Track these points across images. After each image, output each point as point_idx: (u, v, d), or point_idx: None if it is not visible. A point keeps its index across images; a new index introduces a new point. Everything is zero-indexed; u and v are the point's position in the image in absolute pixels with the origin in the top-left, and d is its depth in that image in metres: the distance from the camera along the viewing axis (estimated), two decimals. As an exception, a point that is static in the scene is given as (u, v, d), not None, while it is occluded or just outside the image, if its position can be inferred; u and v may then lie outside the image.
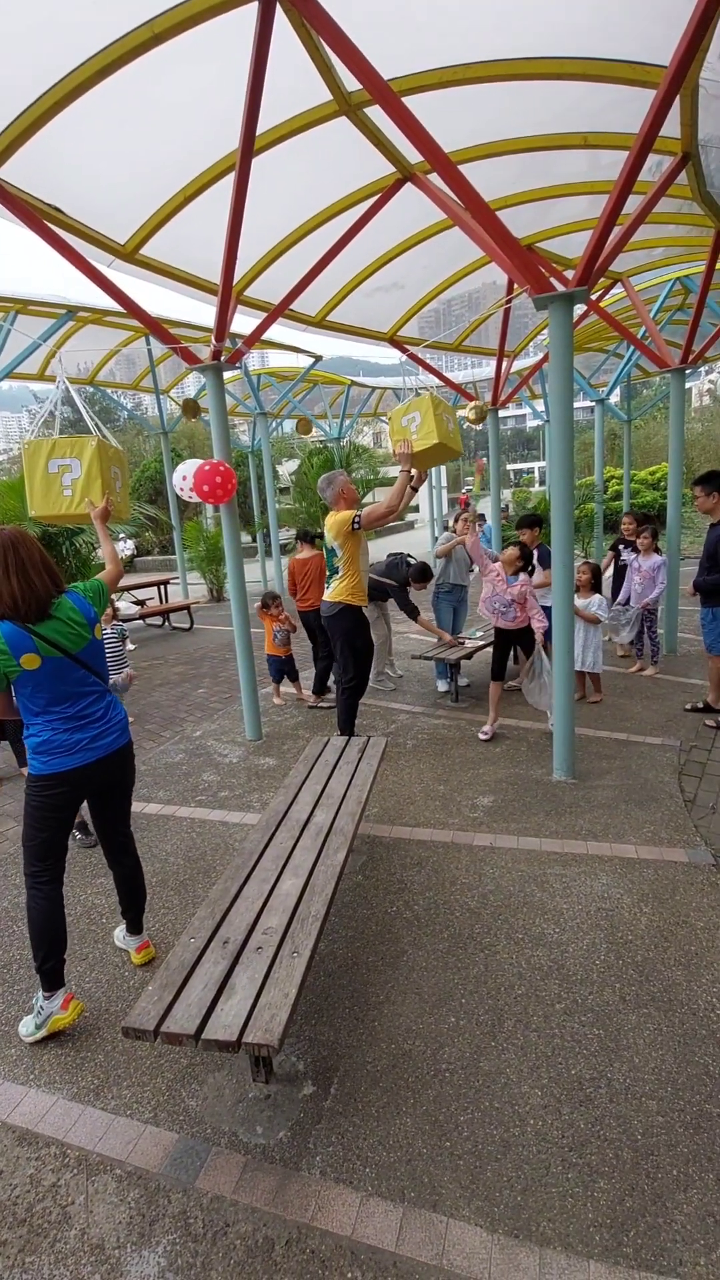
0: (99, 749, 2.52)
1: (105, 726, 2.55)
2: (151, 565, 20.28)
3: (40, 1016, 2.48)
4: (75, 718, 2.48)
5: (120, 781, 2.69)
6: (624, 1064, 2.23)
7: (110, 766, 2.58)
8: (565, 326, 3.98)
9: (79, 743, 2.47)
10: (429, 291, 7.10)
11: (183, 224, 4.67)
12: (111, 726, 2.58)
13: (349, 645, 4.73)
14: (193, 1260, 1.70)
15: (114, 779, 2.64)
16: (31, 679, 2.37)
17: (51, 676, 2.40)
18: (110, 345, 10.22)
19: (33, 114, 3.50)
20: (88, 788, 2.57)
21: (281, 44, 3.23)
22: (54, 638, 2.37)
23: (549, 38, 3.54)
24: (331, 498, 4.66)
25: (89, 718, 2.51)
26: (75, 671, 2.46)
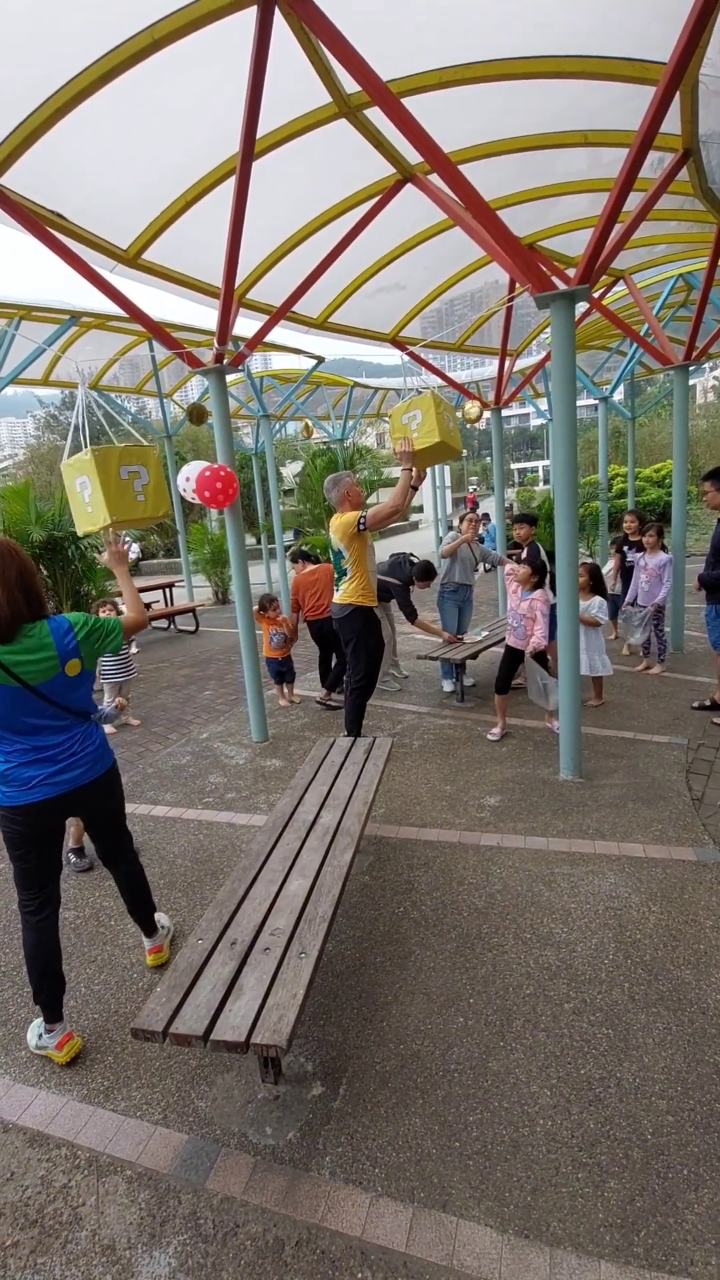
0: (62, 784, 2.32)
1: (70, 761, 2.34)
2: (157, 568, 20.35)
3: (38, 1042, 2.43)
4: (32, 751, 2.28)
5: (100, 809, 2.53)
6: (633, 1063, 2.22)
7: (81, 799, 2.40)
8: (567, 325, 3.97)
9: (35, 778, 2.28)
10: (431, 292, 7.10)
11: (184, 228, 4.69)
12: (79, 760, 2.36)
13: (360, 646, 4.76)
14: (203, 1261, 1.71)
15: (91, 808, 2.48)
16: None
17: (7, 706, 2.19)
18: (114, 350, 10.26)
19: (35, 121, 3.53)
20: (56, 818, 2.38)
21: (280, 47, 3.24)
22: (14, 666, 2.14)
23: (547, 37, 3.54)
24: (337, 498, 4.69)
25: (48, 753, 2.30)
26: (33, 703, 2.23)
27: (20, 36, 3.13)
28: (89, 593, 7.90)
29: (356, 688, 4.81)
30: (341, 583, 4.74)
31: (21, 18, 3.04)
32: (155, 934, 2.89)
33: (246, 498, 21.62)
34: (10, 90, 3.38)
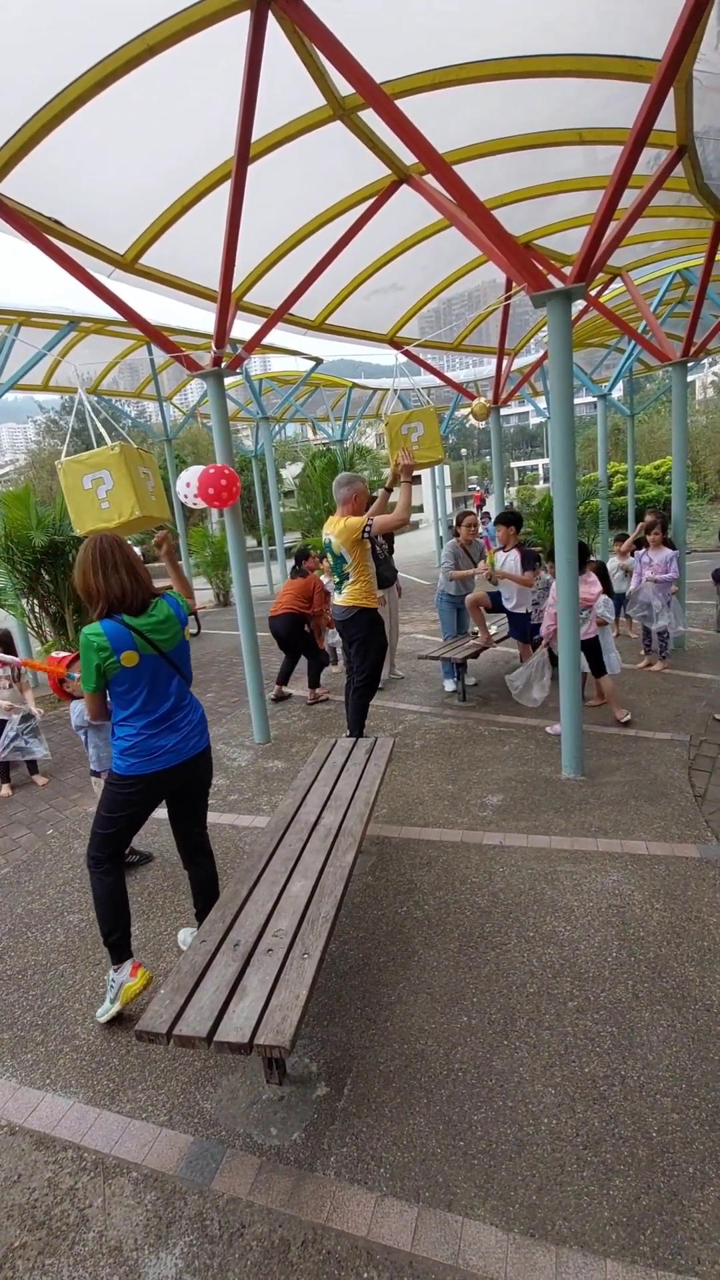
0: (181, 753, 2.58)
1: (188, 731, 2.62)
2: (159, 571, 20.39)
3: (112, 990, 2.57)
4: (161, 721, 2.54)
5: (197, 782, 2.74)
6: (638, 1061, 2.22)
7: (189, 770, 2.65)
8: (564, 323, 3.98)
9: (162, 747, 2.53)
10: (428, 292, 7.11)
11: (181, 232, 4.70)
12: (195, 729, 2.66)
13: (365, 646, 4.73)
14: (210, 1262, 1.71)
15: (191, 780, 2.70)
16: (129, 677, 2.44)
17: (147, 676, 2.48)
18: (113, 354, 10.28)
19: (31, 129, 3.54)
20: (165, 789, 2.64)
21: (274, 51, 3.25)
22: (152, 635, 2.47)
23: (542, 36, 3.55)
24: (345, 497, 4.65)
25: (174, 722, 2.58)
26: (167, 671, 2.55)
27: (16, 45, 3.14)
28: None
29: (360, 687, 4.81)
30: (344, 585, 4.69)
31: (16, 26, 3.05)
32: None
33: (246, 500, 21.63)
34: (6, 99, 3.40)
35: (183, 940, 3.01)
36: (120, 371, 11.96)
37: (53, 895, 3.54)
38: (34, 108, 3.46)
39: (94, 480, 3.94)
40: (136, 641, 2.43)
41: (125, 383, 13.56)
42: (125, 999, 2.54)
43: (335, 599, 4.78)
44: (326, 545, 4.72)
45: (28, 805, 4.71)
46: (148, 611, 2.49)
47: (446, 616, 6.74)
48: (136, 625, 2.44)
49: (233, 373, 5.26)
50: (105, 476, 3.90)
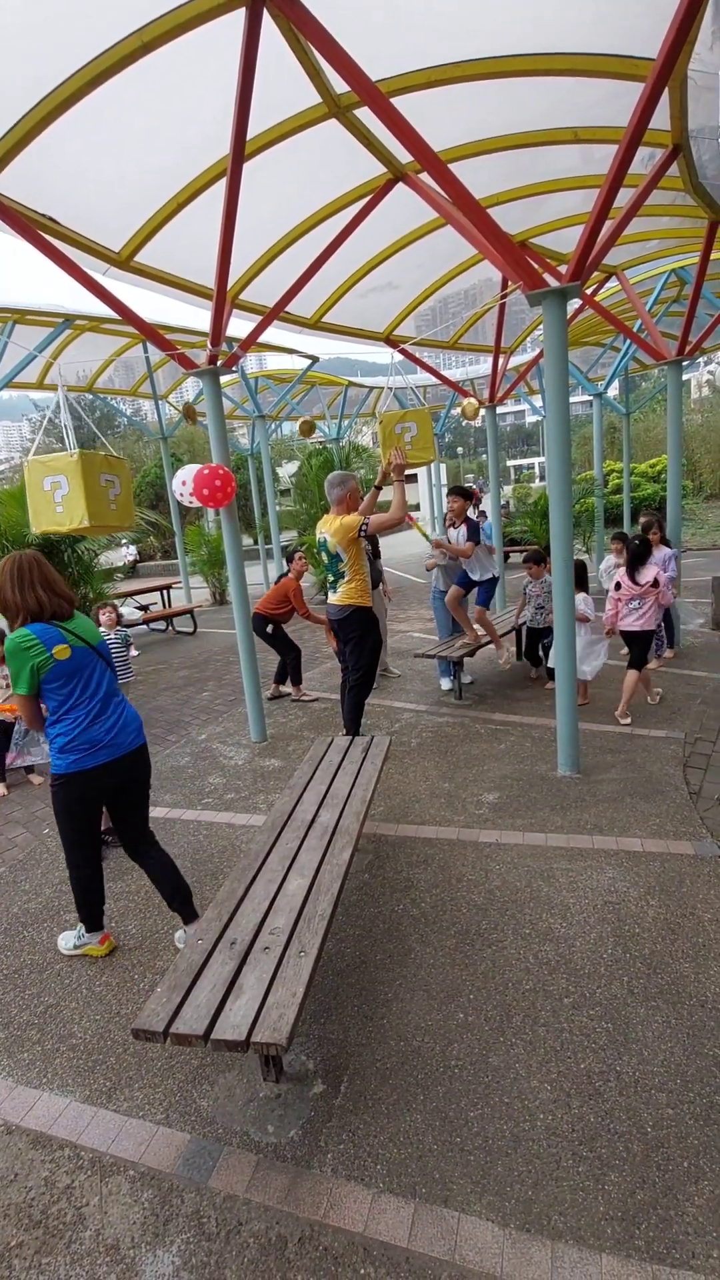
0: (119, 747, 2.69)
1: (123, 722, 2.74)
2: (154, 570, 20.34)
3: (80, 939, 2.98)
4: (97, 711, 2.65)
5: (138, 779, 2.85)
6: (633, 1057, 2.23)
7: (129, 764, 2.75)
8: (559, 322, 3.98)
9: (99, 741, 2.64)
10: (423, 290, 7.11)
11: (176, 230, 4.69)
12: (129, 723, 2.77)
13: (361, 644, 4.71)
14: (207, 1259, 1.72)
15: (132, 776, 2.80)
16: (63, 670, 2.57)
17: (79, 667, 2.62)
18: (108, 352, 10.26)
19: (25, 126, 3.53)
20: (109, 783, 2.72)
21: (270, 48, 3.24)
22: (79, 631, 2.65)
23: (538, 34, 3.55)
24: (339, 497, 4.61)
25: (108, 711, 2.69)
26: (97, 663, 2.70)
27: (10, 41, 3.13)
28: (86, 596, 7.89)
29: (356, 685, 4.80)
30: (339, 585, 4.65)
31: (10, 22, 3.03)
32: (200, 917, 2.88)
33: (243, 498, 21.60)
34: (0, 95, 3.38)
35: (179, 940, 3.01)
36: (116, 369, 11.91)
37: (49, 894, 3.54)
38: (28, 104, 3.45)
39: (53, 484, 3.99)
40: (66, 636, 2.59)
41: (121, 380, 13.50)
42: (85, 952, 2.99)
43: (329, 598, 4.73)
44: (321, 544, 4.66)
45: (24, 805, 4.70)
46: (73, 618, 2.68)
47: (441, 615, 6.74)
48: (61, 625, 2.61)
49: (229, 371, 5.25)
50: (63, 481, 3.94)
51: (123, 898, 3.44)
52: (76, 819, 2.72)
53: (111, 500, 4.09)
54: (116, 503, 4.13)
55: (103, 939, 2.98)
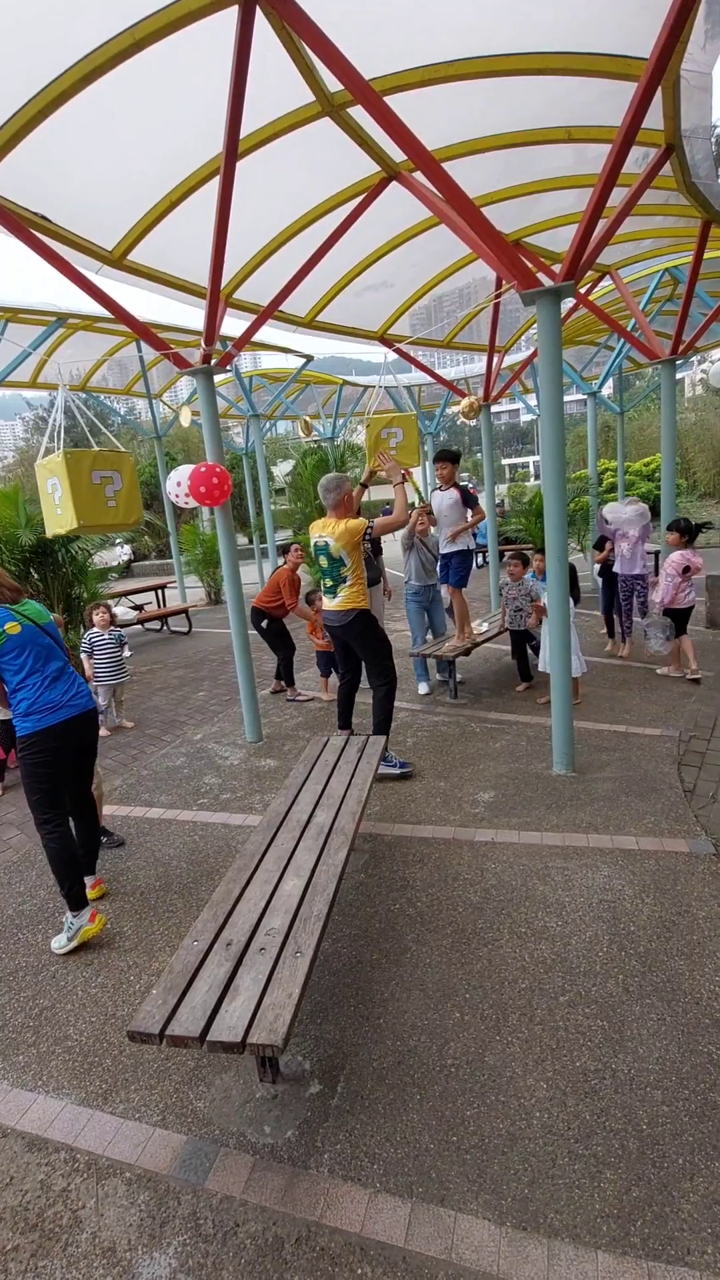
0: (75, 706, 3.09)
1: (76, 687, 3.15)
2: (149, 570, 20.29)
3: (71, 930, 3.04)
4: (52, 677, 3.07)
5: (88, 742, 3.23)
6: (628, 1055, 2.24)
7: (83, 725, 3.14)
8: (553, 321, 3.99)
9: (57, 700, 3.04)
10: (418, 289, 7.11)
11: (169, 229, 4.67)
12: (80, 689, 3.18)
13: (375, 645, 4.59)
14: (204, 1260, 1.72)
15: (85, 739, 3.19)
16: (15, 643, 2.99)
17: (30, 640, 3.04)
18: (102, 351, 10.21)
19: (16, 123, 3.51)
20: (70, 742, 3.09)
21: (263, 46, 3.23)
22: (27, 612, 3.09)
23: (531, 34, 3.55)
24: (335, 501, 4.48)
25: (62, 677, 3.11)
26: (44, 639, 3.11)
27: (1, 38, 3.11)
28: (80, 596, 7.87)
29: (385, 685, 4.60)
30: (340, 589, 4.49)
31: (2, 19, 3.01)
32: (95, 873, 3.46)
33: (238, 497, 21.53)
34: (-9, 92, 3.36)
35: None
36: (109, 368, 11.87)
37: (44, 896, 3.53)
38: (19, 102, 3.43)
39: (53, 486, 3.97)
40: (15, 615, 3.03)
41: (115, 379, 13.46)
42: (82, 939, 3.04)
43: (328, 603, 4.61)
44: (320, 548, 4.51)
45: (19, 805, 4.68)
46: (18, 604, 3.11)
47: (415, 620, 6.50)
48: (10, 608, 3.05)
49: (223, 370, 5.24)
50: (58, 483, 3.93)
51: (118, 899, 3.43)
52: (42, 780, 3.01)
53: (110, 497, 4.06)
54: (117, 499, 4.09)
55: (92, 915, 3.09)
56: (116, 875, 3.65)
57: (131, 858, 3.84)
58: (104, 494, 4.03)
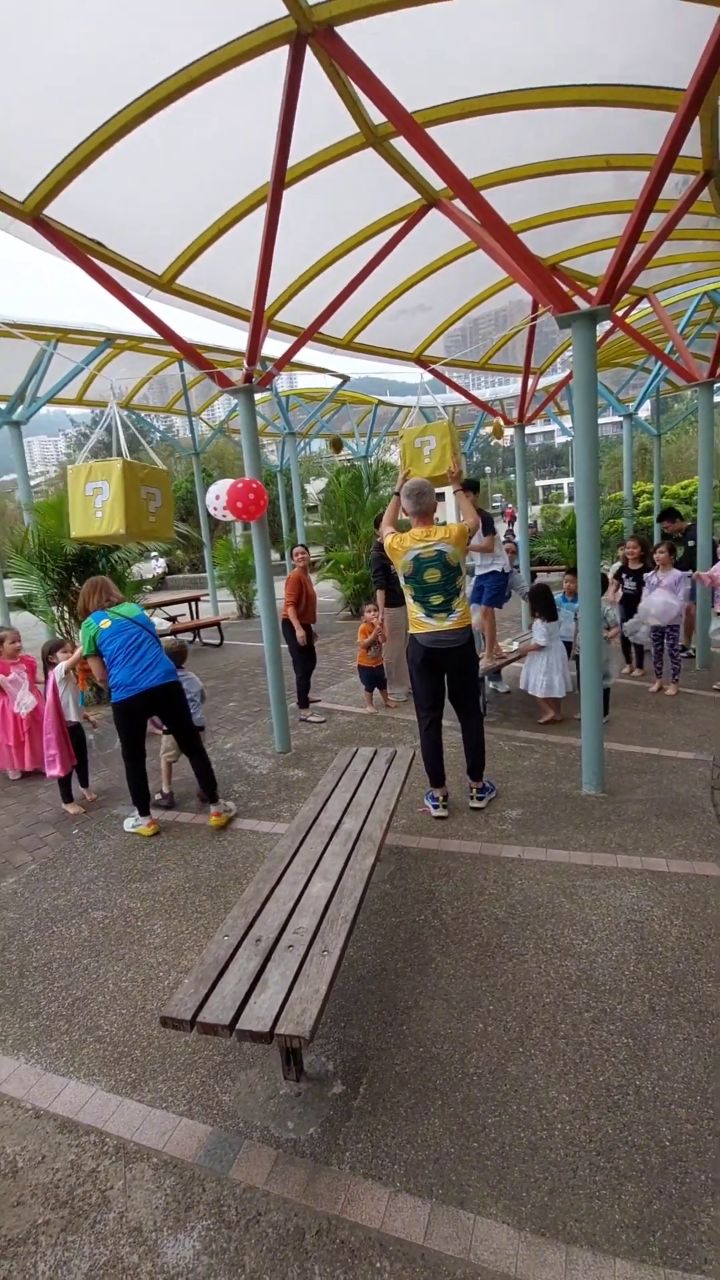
0: (155, 678, 4.05)
1: (154, 669, 4.07)
2: (183, 583, 20.69)
3: (135, 824, 4.30)
4: (135, 662, 4.04)
5: (170, 705, 4.19)
6: (653, 1072, 2.22)
7: (159, 694, 4.09)
8: (588, 344, 4.04)
9: (129, 678, 4.01)
10: (454, 312, 7.24)
11: (216, 254, 4.88)
12: (158, 669, 4.09)
13: (472, 673, 4.22)
14: (226, 1245, 1.76)
15: (164, 704, 4.16)
16: (107, 635, 4.06)
17: (118, 632, 4.07)
18: (145, 370, 10.58)
19: (79, 155, 3.73)
20: (144, 712, 4.13)
21: (310, 81, 3.40)
22: (118, 612, 4.15)
23: (571, 67, 3.66)
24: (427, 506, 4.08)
25: (147, 660, 4.07)
26: (131, 629, 4.11)
27: (68, 77, 3.32)
28: (118, 604, 8.06)
29: (480, 716, 4.31)
30: (455, 604, 3.98)
31: (69, 59, 3.23)
32: (217, 802, 4.38)
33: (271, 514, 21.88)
34: (58, 128, 3.59)
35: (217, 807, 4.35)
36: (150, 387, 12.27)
37: (77, 892, 3.63)
38: (82, 135, 3.65)
39: (94, 489, 4.12)
40: (109, 614, 4.12)
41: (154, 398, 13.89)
42: (139, 832, 4.26)
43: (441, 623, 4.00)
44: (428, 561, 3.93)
45: (54, 804, 4.82)
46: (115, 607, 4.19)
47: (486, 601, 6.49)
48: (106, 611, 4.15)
49: (263, 389, 5.40)
50: (104, 487, 4.08)
51: (148, 898, 3.51)
52: (126, 730, 4.11)
53: (151, 513, 4.24)
54: (157, 515, 4.28)
55: (150, 824, 4.27)
56: (147, 875, 3.75)
57: (162, 859, 3.93)
58: (148, 509, 4.22)
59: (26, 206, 3.93)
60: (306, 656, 6.54)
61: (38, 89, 3.34)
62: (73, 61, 3.24)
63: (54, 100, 3.43)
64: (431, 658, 4.10)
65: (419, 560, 3.96)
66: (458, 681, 4.21)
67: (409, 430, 5.08)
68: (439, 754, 4.31)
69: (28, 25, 2.98)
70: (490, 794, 4.43)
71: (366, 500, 11.74)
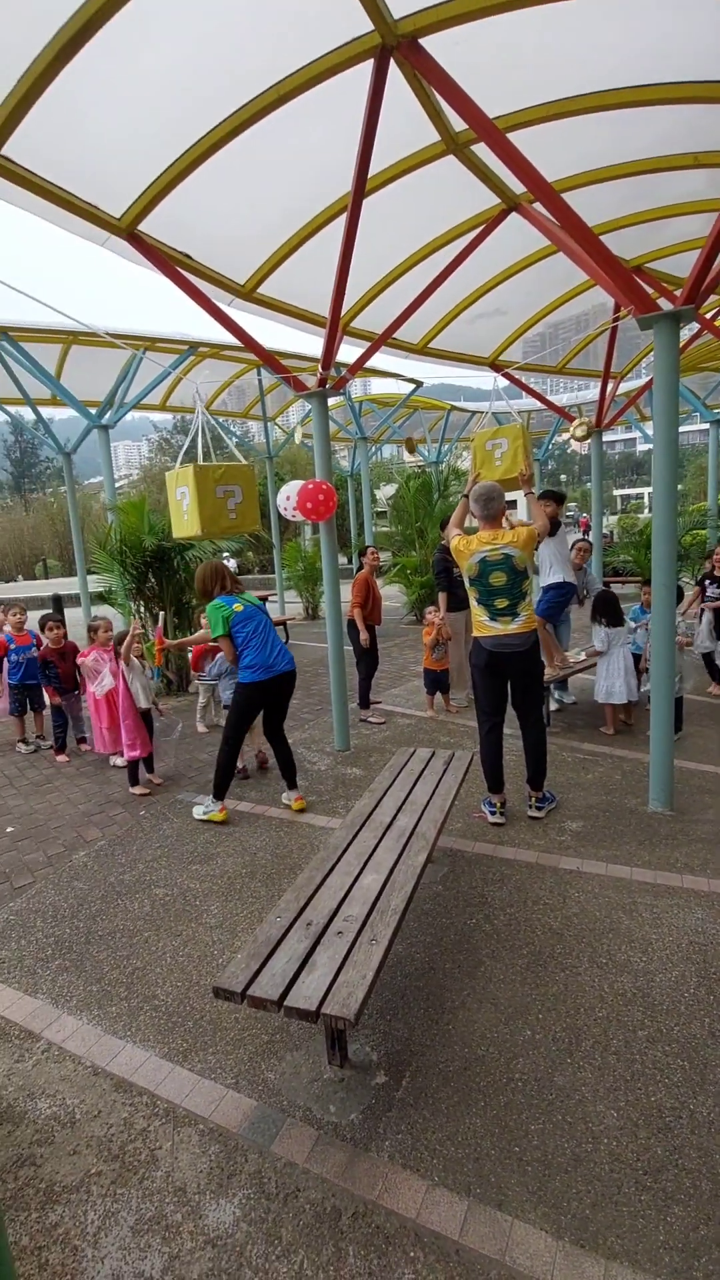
0: (284, 665, 4.24)
1: (284, 652, 4.29)
2: (252, 583, 21.23)
3: (205, 809, 4.41)
4: (265, 645, 4.21)
5: (288, 691, 4.38)
6: (709, 1098, 2.13)
7: (286, 680, 4.30)
8: (670, 347, 3.92)
9: (268, 661, 4.18)
10: (531, 317, 7.17)
11: (296, 262, 5.03)
12: (287, 656, 4.30)
13: (538, 678, 4.20)
14: (265, 1215, 1.81)
15: (284, 692, 4.35)
16: (240, 618, 4.19)
17: (250, 617, 4.23)
18: (225, 376, 10.98)
19: (172, 172, 3.93)
20: (271, 695, 4.27)
21: (392, 93, 3.46)
22: (246, 599, 4.32)
23: (655, 65, 3.58)
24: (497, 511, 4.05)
25: (275, 645, 4.25)
26: (260, 615, 4.29)
27: (164, 98, 3.52)
28: (189, 602, 8.38)
29: (543, 727, 4.27)
30: (520, 608, 3.95)
31: (165, 81, 3.41)
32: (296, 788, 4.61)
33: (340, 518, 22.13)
34: (153, 146, 3.80)
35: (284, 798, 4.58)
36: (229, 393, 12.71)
37: (142, 869, 3.80)
38: (176, 153, 3.85)
39: (181, 494, 4.41)
40: (239, 598, 4.27)
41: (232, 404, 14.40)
42: (210, 818, 4.37)
43: (502, 627, 3.98)
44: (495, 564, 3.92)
45: (124, 785, 5.06)
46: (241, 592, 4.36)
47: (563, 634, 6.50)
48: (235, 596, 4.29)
49: (337, 393, 5.51)
50: (185, 492, 4.37)
51: (206, 880, 3.64)
52: (243, 714, 4.28)
53: (231, 510, 4.46)
54: (238, 510, 4.49)
55: (221, 809, 4.39)
56: (207, 858, 3.88)
57: (221, 844, 4.06)
58: (226, 506, 4.45)
59: (123, 222, 4.18)
60: (370, 658, 6.58)
61: (135, 110, 3.55)
62: (168, 83, 3.43)
63: (150, 120, 3.63)
64: (495, 662, 4.07)
65: (485, 563, 3.94)
66: (521, 687, 4.16)
67: (481, 433, 5.06)
68: (499, 759, 4.25)
69: (126, 50, 3.18)
70: (550, 804, 4.34)
71: (435, 506, 11.72)
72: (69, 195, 3.83)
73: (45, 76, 3.05)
